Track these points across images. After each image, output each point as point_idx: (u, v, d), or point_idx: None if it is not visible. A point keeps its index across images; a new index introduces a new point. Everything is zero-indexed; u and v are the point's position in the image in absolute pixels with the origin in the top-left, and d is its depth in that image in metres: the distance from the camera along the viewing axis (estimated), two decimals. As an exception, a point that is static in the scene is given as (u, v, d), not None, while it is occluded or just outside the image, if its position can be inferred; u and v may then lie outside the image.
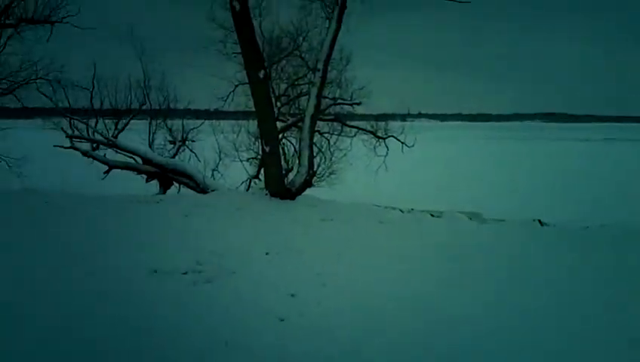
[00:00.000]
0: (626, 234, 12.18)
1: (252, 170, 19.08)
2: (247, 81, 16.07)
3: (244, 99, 18.12)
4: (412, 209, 15.86)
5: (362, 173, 18.31)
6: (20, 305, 6.65)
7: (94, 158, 18.95)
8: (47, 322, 6.20)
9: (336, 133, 18.85)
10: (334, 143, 18.90)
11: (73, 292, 7.17)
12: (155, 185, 19.09)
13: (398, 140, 18.71)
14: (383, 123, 19.32)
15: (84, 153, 18.93)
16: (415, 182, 25.12)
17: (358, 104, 18.32)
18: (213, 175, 19.35)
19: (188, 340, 5.95)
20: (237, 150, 19.61)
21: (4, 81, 18.28)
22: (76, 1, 17.95)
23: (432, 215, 15.04)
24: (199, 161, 19.95)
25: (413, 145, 18.60)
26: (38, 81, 18.45)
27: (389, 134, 18.93)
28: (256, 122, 16.77)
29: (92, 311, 6.53)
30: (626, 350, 6.14)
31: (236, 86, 17.82)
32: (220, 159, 19.86)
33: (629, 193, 26.22)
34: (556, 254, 10.40)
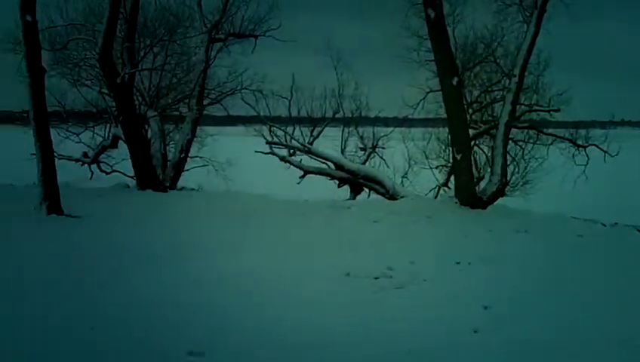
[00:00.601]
0: None
1: (441, 178, 18.89)
2: (439, 88, 15.99)
3: (434, 107, 18.04)
4: (616, 223, 14.70)
5: (559, 183, 17.33)
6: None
7: (291, 163, 19.93)
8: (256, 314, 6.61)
9: (531, 141, 18.06)
10: (529, 151, 18.11)
11: (276, 291, 7.59)
12: (346, 190, 19.63)
13: (600, 149, 17.48)
14: (584, 130, 18.19)
15: (282, 158, 19.98)
16: (619, 194, 23.26)
17: (557, 111, 17.41)
18: (402, 182, 19.45)
19: (368, 345, 5.99)
20: (426, 157, 19.55)
21: (212, 91, 19.86)
22: (278, 16, 19.04)
23: (638, 230, 13.82)
24: (388, 167, 20.16)
25: (617, 154, 17.28)
26: (242, 91, 19.80)
27: (590, 142, 17.76)
28: (447, 129, 16.61)
29: (285, 314, 6.83)
30: None
31: (427, 93, 17.77)
32: (410, 166, 19.92)
33: None
34: None
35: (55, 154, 13.31)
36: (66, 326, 6.01)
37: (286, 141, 20.35)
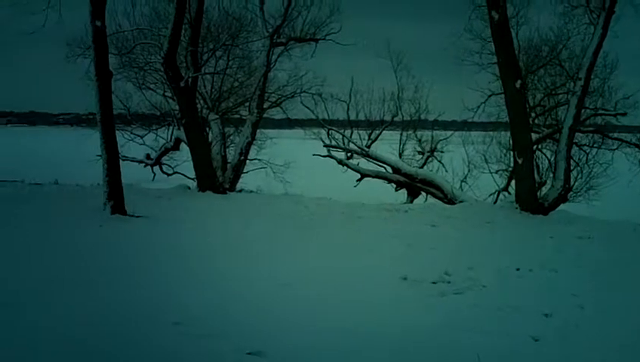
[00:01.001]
0: None
1: (502, 182, 18.59)
2: (500, 91, 15.77)
3: (496, 110, 17.81)
4: (686, 232, 14.15)
5: (625, 189, 16.82)
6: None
7: (348, 167, 19.99)
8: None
9: (596, 145, 17.59)
10: (594, 156, 17.66)
11: (332, 294, 7.63)
12: (403, 194, 19.53)
13: (668, 154, 16.89)
14: (650, 136, 17.62)
15: (340, 162, 20.06)
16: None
17: (623, 114, 16.90)
18: (461, 186, 19.23)
19: (433, 346, 5.95)
20: (486, 161, 19.31)
21: (273, 94, 20.08)
22: (338, 20, 19.11)
23: None
24: (447, 171, 20.01)
25: (685, 160, 16.66)
26: (302, 94, 19.95)
27: (658, 147, 17.17)
28: (508, 133, 16.36)
29: (342, 317, 6.85)
30: None
31: (489, 96, 17.53)
32: (469, 170, 19.69)
33: None
34: None
35: (120, 155, 13.68)
36: (141, 323, 6.20)
37: (344, 144, 20.43)
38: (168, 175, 19.97)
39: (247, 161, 19.11)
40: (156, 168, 19.99)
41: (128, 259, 8.83)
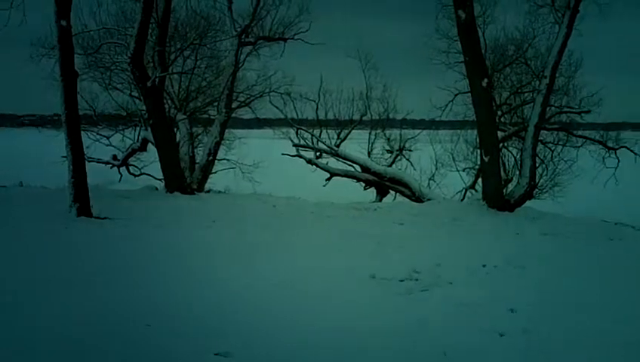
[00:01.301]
0: None
1: (469, 180, 18.80)
2: (468, 90, 15.93)
3: (463, 108, 17.98)
4: (647, 226, 14.49)
5: (589, 186, 17.13)
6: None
7: (317, 166, 20.02)
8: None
9: (561, 143, 17.86)
10: (559, 154, 17.93)
11: (301, 292, 7.64)
12: (372, 192, 19.63)
13: (631, 151, 17.23)
14: (614, 132, 17.94)
15: (309, 161, 20.08)
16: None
17: (587, 112, 17.20)
18: (429, 184, 19.41)
19: (401, 344, 6.00)
20: (454, 159, 19.50)
21: (241, 94, 20.01)
22: (307, 19, 19.09)
23: (671, 234, 13.62)
24: (415, 170, 20.15)
25: (648, 157, 17.02)
26: (271, 93, 19.90)
27: (621, 144, 17.49)
28: (475, 131, 16.54)
29: (311, 315, 6.87)
30: None
31: (456, 95, 17.70)
32: (437, 168, 19.87)
33: None
34: None
35: (85, 156, 13.51)
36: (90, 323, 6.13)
37: (313, 143, 20.44)
38: (135, 176, 19.73)
39: (216, 161, 18.98)
40: (123, 169, 19.74)
41: (93, 261, 8.72)
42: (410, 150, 20.85)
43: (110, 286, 7.54)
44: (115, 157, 19.79)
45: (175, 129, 18.54)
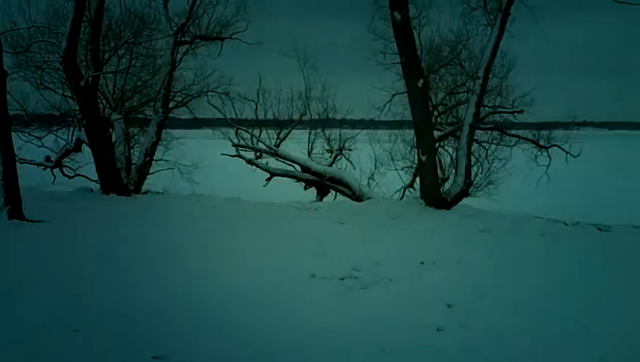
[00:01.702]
0: None
1: (407, 179, 19.09)
2: (404, 91, 16.15)
3: (400, 109, 18.20)
4: (577, 222, 14.98)
5: (523, 184, 17.64)
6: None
7: (257, 166, 19.94)
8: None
9: (495, 142, 18.30)
10: (493, 152, 18.37)
11: (241, 293, 7.59)
12: (312, 192, 19.68)
13: (562, 149, 17.81)
14: (546, 132, 18.51)
15: (249, 161, 19.98)
16: (581, 193, 23.75)
17: (520, 112, 17.68)
18: (368, 183, 19.60)
19: (340, 342, 6.05)
20: (392, 159, 19.75)
21: (178, 94, 19.72)
22: (244, 19, 18.97)
23: (599, 228, 14.12)
24: (355, 169, 20.33)
25: (578, 155, 17.63)
26: (209, 93, 19.69)
27: (552, 143, 18.07)
28: (412, 131, 16.78)
29: (250, 315, 6.85)
30: None
31: (393, 95, 17.91)
32: (376, 168, 20.11)
33: None
34: None
35: (17, 158, 13.06)
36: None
37: (252, 143, 20.36)
38: (70, 177, 19.17)
39: (153, 161, 18.64)
40: (57, 171, 19.15)
41: (27, 266, 8.44)
42: (349, 150, 21.01)
43: (39, 288, 7.34)
44: (48, 158, 19.19)
45: (110, 129, 18.12)
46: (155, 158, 18.65)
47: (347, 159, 20.84)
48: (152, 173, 18.64)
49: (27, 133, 18.88)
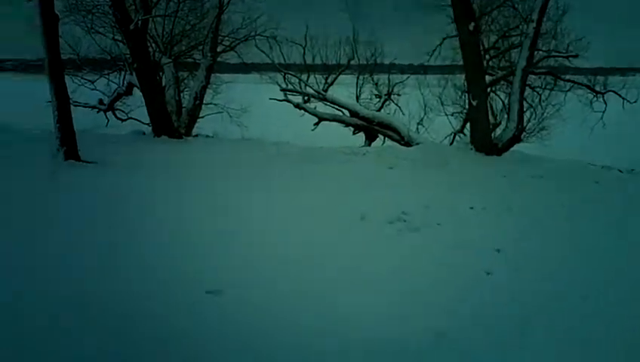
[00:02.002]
0: None
1: (457, 125, 18.81)
2: (455, 34, 15.76)
3: (451, 53, 17.77)
4: (632, 170, 14.61)
5: (577, 130, 17.21)
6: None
7: (305, 110, 19.91)
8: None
9: (548, 87, 17.81)
10: (546, 98, 17.90)
11: (291, 233, 7.71)
12: (361, 137, 19.62)
13: (619, 95, 17.26)
14: (602, 77, 17.92)
15: (297, 106, 19.95)
16: (637, 140, 23.07)
17: (575, 56, 17.08)
18: (417, 129, 19.39)
19: (383, 286, 6.10)
20: (442, 104, 19.47)
21: (226, 38, 19.67)
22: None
23: (655, 177, 13.77)
24: (404, 114, 20.10)
25: (635, 102, 17.06)
26: (256, 37, 19.57)
27: (608, 89, 17.50)
28: (463, 76, 16.44)
29: (300, 256, 6.95)
30: None
31: (444, 39, 17.47)
32: (425, 113, 19.85)
33: None
34: None
35: (71, 101, 13.32)
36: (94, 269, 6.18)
37: (300, 88, 20.27)
38: (122, 120, 19.52)
39: (203, 105, 18.80)
40: (110, 114, 19.52)
41: (83, 205, 8.71)
42: (398, 95, 20.76)
43: (99, 226, 7.58)
44: (101, 101, 19.53)
45: (160, 73, 18.28)
46: (204, 102, 18.80)
47: (396, 104, 20.63)
48: (201, 117, 18.82)
49: (80, 76, 19.19)
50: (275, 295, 5.70)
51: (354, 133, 19.69)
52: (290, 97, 20.22)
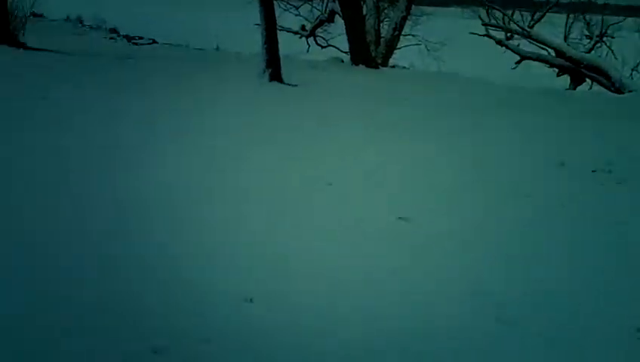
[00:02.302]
0: None
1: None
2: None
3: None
4: None
5: None
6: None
7: (507, 47, 19.13)
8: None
9: None
10: None
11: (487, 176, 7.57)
12: (565, 80, 18.47)
13: None
14: None
15: (498, 42, 19.20)
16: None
17: None
18: (631, 75, 17.81)
19: (587, 243, 5.76)
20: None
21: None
22: None
23: None
24: (616, 59, 18.54)
25: None
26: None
27: None
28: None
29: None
30: None
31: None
32: (642, 59, 18.17)
33: None
34: None
35: (277, 25, 13.84)
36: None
37: (504, 23, 19.40)
38: (322, 47, 20.05)
39: (401, 36, 18.66)
40: (310, 40, 20.11)
41: (289, 119, 9.35)
42: (612, 37, 19.18)
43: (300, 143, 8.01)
44: (303, 27, 20.16)
45: (362, 2, 18.36)
46: (403, 33, 18.66)
47: (608, 47, 19.07)
48: (399, 48, 18.75)
49: (285, 1, 19.86)
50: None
51: (558, 75, 18.62)
52: (492, 32, 19.48)
